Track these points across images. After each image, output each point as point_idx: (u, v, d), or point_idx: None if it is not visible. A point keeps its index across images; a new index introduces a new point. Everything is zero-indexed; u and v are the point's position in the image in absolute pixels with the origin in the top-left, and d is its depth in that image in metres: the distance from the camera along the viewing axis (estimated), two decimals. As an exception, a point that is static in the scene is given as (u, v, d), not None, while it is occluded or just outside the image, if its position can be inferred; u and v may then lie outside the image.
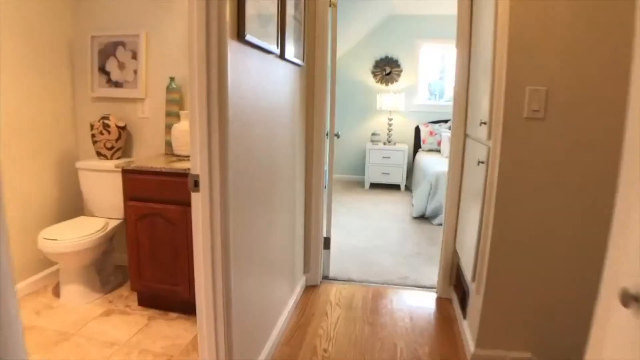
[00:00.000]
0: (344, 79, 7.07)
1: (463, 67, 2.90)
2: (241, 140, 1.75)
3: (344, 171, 7.38)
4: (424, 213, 5.19)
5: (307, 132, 3.14)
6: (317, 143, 3.15)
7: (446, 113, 7.04)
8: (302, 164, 3.09)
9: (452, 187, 3.07)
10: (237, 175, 1.72)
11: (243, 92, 1.74)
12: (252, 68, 1.84)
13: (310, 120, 3.12)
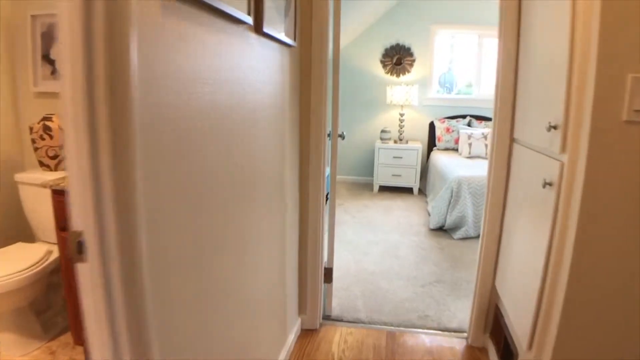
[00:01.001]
0: (350, 69, 6.35)
1: (508, 59, 2.20)
2: (177, 162, 1.06)
3: (350, 172, 6.67)
4: (443, 225, 4.48)
5: (302, 134, 2.44)
6: (316, 148, 2.45)
7: (465, 108, 6.31)
8: (294, 176, 2.39)
9: (492, 205, 2.37)
10: (170, 215, 1.04)
11: (178, 85, 1.04)
12: (200, 44, 1.14)
13: (305, 118, 2.42)
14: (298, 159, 2.44)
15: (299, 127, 2.40)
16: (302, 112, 2.41)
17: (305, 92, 2.38)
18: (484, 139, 5.72)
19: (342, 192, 6.06)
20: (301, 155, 2.46)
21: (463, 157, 5.71)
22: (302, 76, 2.36)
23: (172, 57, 1.01)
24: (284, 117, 2.05)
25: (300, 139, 2.44)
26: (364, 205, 5.40)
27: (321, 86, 2.35)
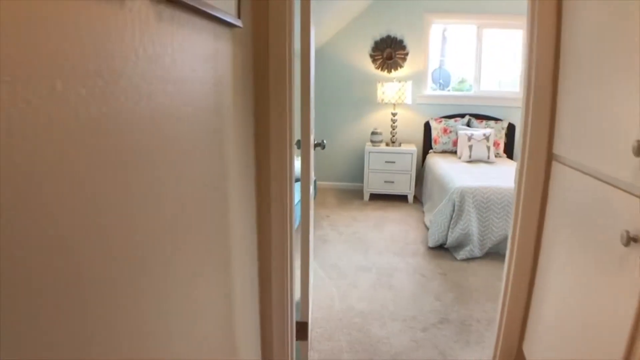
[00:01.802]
0: (335, 64, 5.71)
1: (545, 57, 1.58)
2: None
3: (338, 178, 6.05)
4: (444, 242, 3.87)
5: (260, 146, 1.80)
6: (278, 162, 1.81)
7: (463, 106, 5.69)
8: (246, 203, 1.75)
9: (522, 242, 1.77)
10: None
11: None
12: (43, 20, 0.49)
13: (263, 126, 1.78)
14: (253, 181, 1.80)
15: (253, 138, 1.76)
16: (259, 119, 1.77)
17: (261, 91, 1.74)
18: (486, 140, 5.12)
19: (329, 201, 5.43)
20: (259, 175, 1.82)
21: (463, 161, 5.11)
22: (257, 70, 1.71)
23: None
24: (224, 128, 1.40)
25: (257, 153, 1.80)
26: (353, 218, 4.77)
27: (283, 84, 1.71)
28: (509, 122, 5.58)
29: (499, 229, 3.74)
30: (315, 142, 2.55)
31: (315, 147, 2.55)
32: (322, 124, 5.85)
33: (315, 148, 2.57)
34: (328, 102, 5.80)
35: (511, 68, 5.76)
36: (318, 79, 5.71)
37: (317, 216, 4.76)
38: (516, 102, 5.57)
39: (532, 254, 1.79)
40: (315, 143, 2.54)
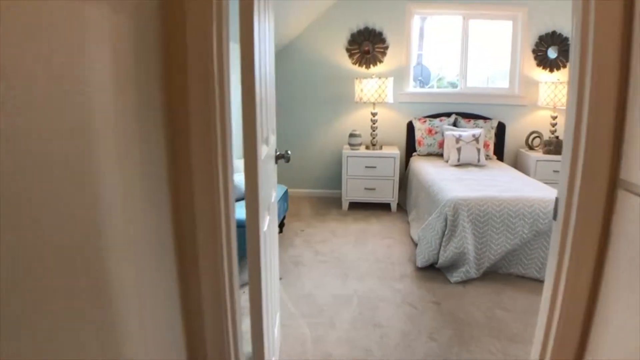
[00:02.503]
0: (307, 59, 5.16)
1: (608, 55, 1.06)
2: None
3: (314, 185, 5.49)
4: (435, 262, 3.35)
5: (176, 169, 1.23)
6: (204, 190, 1.24)
7: (449, 104, 5.21)
8: (160, 252, 1.19)
9: (573, 283, 1.23)
10: None
11: None
12: None
13: (180, 139, 1.21)
14: (169, 219, 1.23)
15: (164, 159, 1.18)
16: (176, 130, 1.19)
17: (176, 89, 1.17)
18: (476, 141, 4.63)
19: (304, 211, 4.87)
20: (177, 209, 1.25)
21: (451, 165, 4.61)
22: (170, 59, 1.14)
23: None
24: (94, 148, 0.83)
25: (174, 179, 1.23)
26: (331, 232, 4.22)
27: (208, 80, 1.14)
28: (499, 120, 5.11)
29: (498, 246, 3.24)
30: (277, 153, 1.99)
31: (277, 159, 1.99)
32: (294, 125, 5.29)
33: (278, 160, 2.02)
34: (300, 101, 5.24)
35: (499, 62, 5.29)
36: (288, 76, 5.16)
37: (290, 231, 4.20)
38: (506, 99, 5.12)
39: (587, 296, 1.27)
40: (277, 154, 1.99)
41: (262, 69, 1.48)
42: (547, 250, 3.25)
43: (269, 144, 1.72)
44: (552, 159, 4.78)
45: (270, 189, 1.79)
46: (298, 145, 5.34)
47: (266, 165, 1.65)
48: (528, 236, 3.24)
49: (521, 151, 5.14)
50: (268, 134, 1.68)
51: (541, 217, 3.21)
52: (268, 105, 1.76)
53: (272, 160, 1.89)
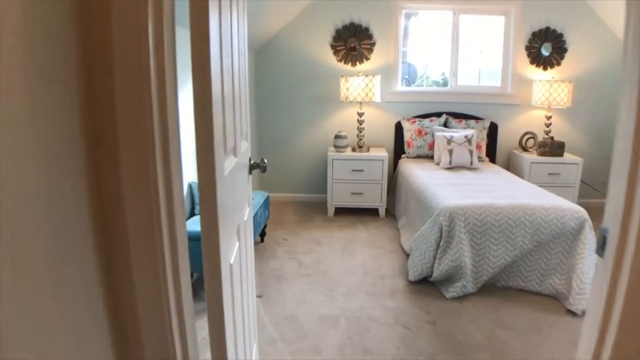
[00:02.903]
0: (289, 56, 4.86)
1: None
2: None
3: (298, 189, 5.20)
4: (429, 275, 3.09)
5: (103, 197, 0.93)
6: (139, 224, 0.94)
7: (439, 103, 4.96)
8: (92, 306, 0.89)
9: None
10: None
11: None
12: None
13: (108, 159, 0.91)
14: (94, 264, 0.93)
15: (86, 193, 0.89)
16: (104, 148, 0.90)
17: (102, 95, 0.87)
18: (468, 143, 4.39)
19: (287, 218, 4.58)
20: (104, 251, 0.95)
21: (442, 168, 4.36)
22: (91, 53, 0.84)
23: None
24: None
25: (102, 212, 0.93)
26: (316, 241, 3.94)
27: (141, 79, 0.84)
28: (491, 121, 4.88)
29: (497, 259, 2.99)
30: (252, 162, 1.70)
31: (251, 169, 1.70)
32: (276, 127, 4.99)
33: (252, 170, 1.73)
34: (282, 101, 4.95)
35: (491, 60, 5.05)
36: (269, 75, 4.86)
37: (271, 241, 3.90)
38: (498, 98, 4.89)
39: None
40: (251, 164, 1.70)
41: (227, 68, 1.19)
42: (548, 262, 3.01)
43: (239, 153, 1.43)
44: (548, 160, 4.56)
45: (241, 206, 1.51)
46: (281, 147, 5.05)
47: (236, 178, 1.37)
48: (529, 247, 2.99)
49: (514, 152, 4.91)
50: (237, 143, 1.39)
51: (542, 227, 2.97)
52: (239, 110, 1.47)
53: (245, 171, 1.61)
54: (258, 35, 4.43)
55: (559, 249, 3.01)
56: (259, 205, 3.47)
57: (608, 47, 4.79)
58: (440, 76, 5.27)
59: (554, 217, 2.98)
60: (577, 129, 5.00)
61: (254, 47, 4.62)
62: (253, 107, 4.86)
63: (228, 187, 1.17)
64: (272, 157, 5.05)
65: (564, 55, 4.77)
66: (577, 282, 2.86)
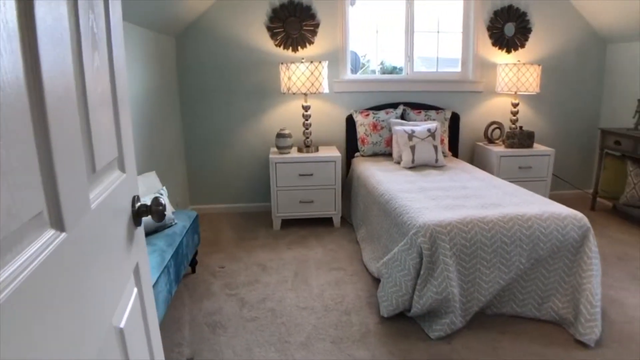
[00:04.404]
0: (217, 41, 4.06)
1: None
2: None
3: (236, 198, 4.43)
4: (408, 308, 2.45)
5: None
6: None
7: (394, 93, 4.35)
8: None
9: None
10: None
11: None
12: None
13: None
14: None
15: None
16: None
17: None
18: (432, 137, 3.80)
19: (224, 236, 3.81)
20: None
21: (404, 167, 3.75)
22: None
23: None
24: None
25: None
26: (260, 266, 3.20)
27: None
28: (452, 111, 4.33)
29: (489, 284, 2.40)
30: (137, 205, 0.95)
31: (137, 217, 0.95)
32: (204, 126, 4.19)
33: (140, 219, 0.97)
34: (211, 95, 4.15)
35: (450, 43, 4.49)
36: (192, 64, 4.06)
37: (205, 271, 3.13)
38: (459, 86, 4.35)
39: None
40: (137, 208, 0.94)
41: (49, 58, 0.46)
42: (547, 281, 2.47)
43: (99, 201, 0.69)
44: (517, 153, 4.08)
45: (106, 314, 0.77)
46: (212, 150, 4.26)
47: (87, 246, 0.64)
48: (525, 266, 2.43)
49: (479, 145, 4.39)
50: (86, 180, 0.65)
51: (541, 241, 2.41)
52: (99, 123, 0.74)
53: (119, 226, 0.86)
54: (177, 16, 3.60)
55: (559, 264, 2.46)
56: (184, 232, 2.70)
57: (573, 26, 4.37)
58: (378, 65, 4.62)
59: (553, 228, 2.42)
60: (544, 116, 4.56)
61: (173, 30, 3.79)
62: (177, 104, 4.03)
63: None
64: (202, 162, 4.25)
65: (528, 36, 4.30)
66: (586, 305, 2.32)
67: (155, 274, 2.11)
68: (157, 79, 3.44)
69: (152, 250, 2.30)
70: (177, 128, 4.03)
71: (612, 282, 2.91)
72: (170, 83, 3.85)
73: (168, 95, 3.76)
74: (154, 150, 3.36)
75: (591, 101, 4.61)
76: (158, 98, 3.47)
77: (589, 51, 4.47)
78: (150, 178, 2.87)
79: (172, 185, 3.75)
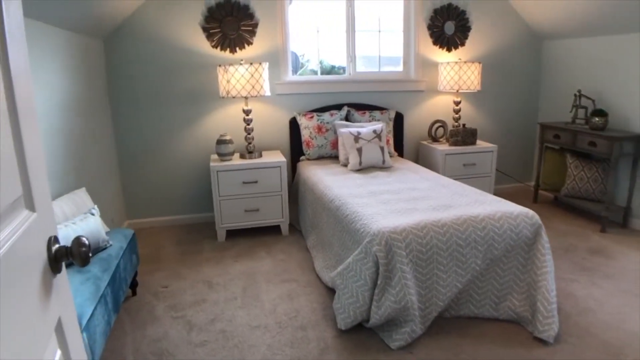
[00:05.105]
0: (149, 43, 3.79)
1: None
2: None
3: (178, 210, 4.17)
4: (366, 319, 2.35)
5: None
6: None
7: (338, 94, 4.26)
8: None
9: None
10: None
11: None
12: None
13: None
14: None
15: None
16: None
17: None
18: (378, 139, 3.75)
19: (166, 252, 3.56)
20: None
21: (352, 170, 3.67)
22: None
23: None
24: None
25: None
26: (207, 284, 3.00)
27: None
28: (396, 110, 4.30)
29: (447, 288, 2.35)
30: (54, 249, 0.76)
31: (55, 262, 0.76)
32: (138, 134, 3.91)
33: (60, 266, 0.79)
34: (144, 101, 3.87)
35: (391, 43, 4.46)
36: (124, 68, 3.77)
37: (146, 292, 2.89)
38: (402, 85, 4.33)
39: None
40: (53, 253, 0.76)
41: None
42: (502, 280, 2.46)
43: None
44: (461, 150, 4.11)
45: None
46: (149, 160, 3.98)
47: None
48: (481, 267, 2.39)
49: (424, 144, 4.39)
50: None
51: (496, 241, 2.38)
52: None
53: (34, 275, 0.68)
54: (103, 16, 3.31)
55: (513, 263, 2.46)
56: (121, 253, 2.45)
57: (511, 24, 4.47)
58: (317, 64, 4.51)
59: (507, 227, 2.41)
60: (486, 113, 4.64)
61: (100, 33, 3.48)
62: (108, 112, 3.72)
63: None
64: (138, 174, 3.96)
65: (468, 34, 4.34)
66: (543, 302, 2.32)
67: (90, 307, 1.88)
68: (83, 86, 3.14)
69: (85, 278, 2.06)
70: (109, 138, 3.72)
71: (562, 274, 2.96)
72: (100, 90, 3.54)
73: (97, 103, 3.45)
74: (84, 164, 3.06)
75: (530, 97, 4.75)
76: (86, 107, 3.17)
77: (526, 48, 4.60)
78: (79, 196, 2.60)
79: (107, 200, 3.46)
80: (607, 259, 3.23)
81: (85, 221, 2.33)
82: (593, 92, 4.02)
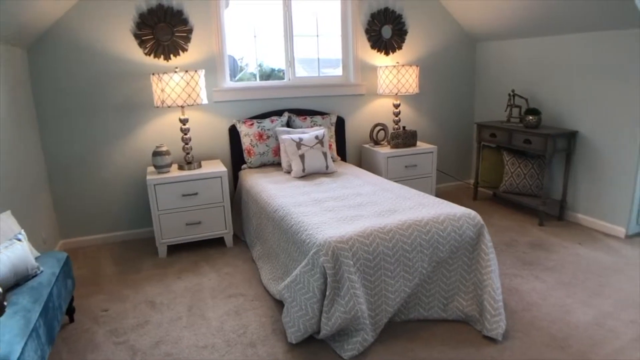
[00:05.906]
0: (77, 51, 3.57)
1: None
2: None
3: (115, 226, 3.95)
4: (317, 331, 2.31)
5: None
6: None
7: (277, 100, 4.21)
8: None
9: None
10: None
11: None
12: None
13: None
14: None
15: None
16: None
17: None
18: (320, 144, 3.73)
19: (104, 272, 3.36)
20: None
21: (295, 177, 3.63)
22: None
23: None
24: None
25: None
26: (149, 304, 2.85)
27: None
28: (338, 115, 4.30)
29: (395, 294, 2.35)
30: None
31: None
32: (69, 147, 3.67)
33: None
34: (73, 113, 3.64)
35: (330, 48, 4.46)
36: (50, 79, 3.53)
37: (85, 317, 2.70)
38: (342, 89, 4.34)
39: None
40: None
41: None
42: (449, 281, 2.50)
43: None
44: (403, 153, 4.17)
45: None
46: (80, 175, 3.74)
47: None
48: (428, 270, 2.42)
49: (366, 147, 4.42)
50: None
51: (440, 243, 2.42)
52: None
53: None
54: (23, 23, 3.06)
55: (458, 263, 2.50)
56: (54, 280, 2.27)
57: (445, 27, 4.60)
58: (255, 68, 4.43)
59: (450, 229, 2.45)
60: (425, 115, 4.74)
61: (21, 41, 3.23)
62: (34, 126, 3.46)
63: None
64: (70, 190, 3.73)
65: (404, 38, 4.42)
66: (490, 301, 2.37)
67: (19, 344, 1.71)
68: (2, 99, 2.89)
69: (14, 312, 1.88)
70: (37, 154, 3.46)
71: (505, 270, 3.06)
72: (23, 103, 3.28)
73: (20, 118, 3.19)
74: (8, 184, 2.81)
75: (466, 97, 4.90)
76: (7, 122, 2.93)
77: (461, 50, 4.74)
78: (4, 221, 2.38)
79: (36, 221, 3.21)
80: (546, 252, 3.38)
81: (11, 248, 2.14)
82: (526, 92, 4.20)
